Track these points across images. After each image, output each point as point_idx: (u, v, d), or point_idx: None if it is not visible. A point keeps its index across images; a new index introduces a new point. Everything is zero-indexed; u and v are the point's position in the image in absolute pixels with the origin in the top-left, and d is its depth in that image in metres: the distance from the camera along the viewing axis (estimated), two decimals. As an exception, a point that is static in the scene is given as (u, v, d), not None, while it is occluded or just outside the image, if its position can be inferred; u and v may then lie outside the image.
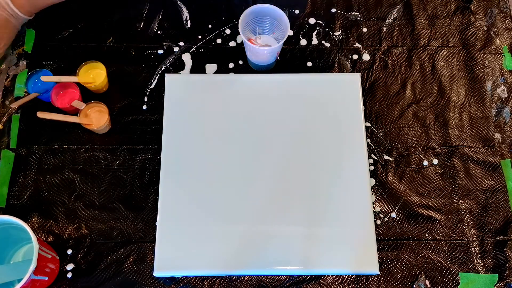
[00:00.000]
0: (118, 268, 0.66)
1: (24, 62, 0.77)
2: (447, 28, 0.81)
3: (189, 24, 0.80)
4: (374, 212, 0.70)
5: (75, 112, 0.71)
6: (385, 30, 0.80)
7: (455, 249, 0.69)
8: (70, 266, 0.66)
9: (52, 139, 0.72)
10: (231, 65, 0.77)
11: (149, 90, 0.76)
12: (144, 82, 0.76)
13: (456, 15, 0.82)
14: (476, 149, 0.74)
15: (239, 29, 0.67)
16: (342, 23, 0.80)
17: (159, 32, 0.79)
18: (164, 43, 0.78)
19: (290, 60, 0.78)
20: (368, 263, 0.65)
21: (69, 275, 0.66)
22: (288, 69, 0.77)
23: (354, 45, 0.79)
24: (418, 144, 0.74)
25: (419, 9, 0.82)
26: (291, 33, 0.80)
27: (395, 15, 0.81)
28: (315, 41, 0.79)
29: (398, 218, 0.70)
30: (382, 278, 0.67)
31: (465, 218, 0.70)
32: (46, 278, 0.62)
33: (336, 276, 0.67)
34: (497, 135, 0.75)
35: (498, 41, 0.80)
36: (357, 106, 0.72)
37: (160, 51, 0.78)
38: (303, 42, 0.79)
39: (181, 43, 0.79)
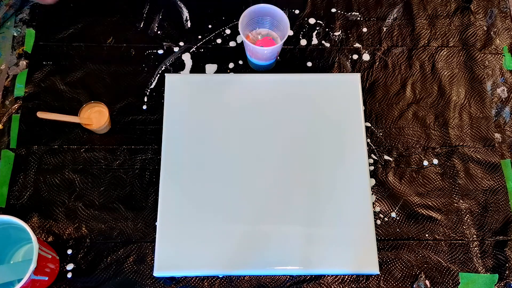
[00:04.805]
0: (118, 268, 0.66)
1: (24, 62, 0.77)
2: (447, 28, 0.81)
3: (189, 24, 0.80)
4: (374, 212, 0.70)
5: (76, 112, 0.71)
6: (385, 30, 0.80)
7: (455, 249, 0.69)
8: (70, 266, 0.66)
9: (52, 139, 0.72)
10: (231, 65, 0.77)
11: (149, 90, 0.76)
12: (144, 82, 0.76)
13: (456, 15, 0.82)
14: (476, 149, 0.74)
15: (239, 29, 0.67)
16: (342, 23, 0.80)
17: (159, 32, 0.79)
18: (164, 43, 0.78)
19: (290, 60, 0.78)
20: (368, 263, 0.65)
21: (69, 275, 0.66)
22: (288, 69, 0.77)
23: (354, 45, 0.79)
24: (418, 144, 0.74)
25: (419, 9, 0.82)
26: (291, 33, 0.80)
27: (395, 15, 0.81)
28: (315, 41, 0.79)
29: (398, 218, 0.70)
30: (382, 278, 0.67)
31: (465, 218, 0.70)
32: (46, 278, 0.62)
33: (336, 276, 0.67)
34: (497, 135, 0.75)
35: (498, 41, 0.80)
36: (357, 106, 0.72)
37: (160, 51, 0.78)
38: (303, 42, 0.79)
39: (181, 43, 0.79)
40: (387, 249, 0.68)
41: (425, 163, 0.73)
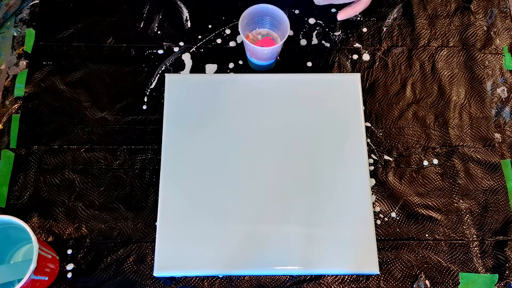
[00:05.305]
0: (118, 268, 0.66)
1: (24, 62, 0.77)
2: (447, 28, 0.81)
3: (189, 24, 0.80)
4: (374, 212, 0.70)
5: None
6: (385, 30, 0.80)
7: (455, 249, 0.69)
8: (70, 266, 0.66)
9: (52, 139, 0.72)
10: (231, 65, 0.77)
11: (149, 90, 0.76)
12: (144, 82, 0.76)
13: (456, 15, 0.82)
14: (476, 149, 0.74)
15: (239, 29, 0.67)
16: (342, 23, 0.80)
17: (159, 32, 0.79)
18: (164, 43, 0.78)
19: (290, 60, 0.78)
20: (368, 263, 0.65)
21: (69, 275, 0.66)
22: (288, 69, 0.77)
23: (354, 45, 0.79)
24: (418, 144, 0.74)
25: (419, 9, 0.82)
26: (291, 33, 0.80)
27: (395, 15, 0.81)
28: (315, 41, 0.79)
29: (398, 218, 0.70)
30: (382, 278, 0.67)
31: (465, 218, 0.70)
32: (46, 278, 0.62)
33: (336, 276, 0.67)
34: (497, 135, 0.75)
35: (498, 41, 0.80)
36: (357, 106, 0.72)
37: (160, 51, 0.78)
38: (303, 42, 0.79)
39: (181, 43, 0.79)
40: (387, 249, 0.68)
41: (425, 163, 0.73)
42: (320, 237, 0.66)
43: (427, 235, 0.69)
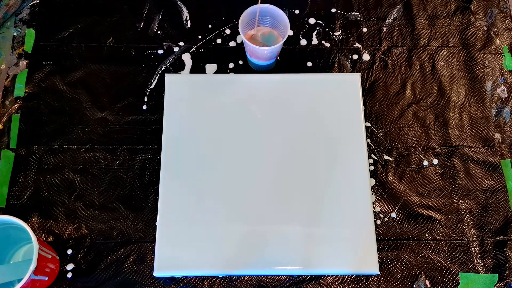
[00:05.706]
0: (118, 268, 0.67)
1: (24, 62, 0.77)
2: (447, 28, 0.81)
3: (189, 24, 0.80)
4: (374, 212, 0.70)
5: None
6: (385, 30, 0.80)
7: (455, 249, 0.69)
8: (70, 266, 0.66)
9: (52, 139, 0.72)
10: (231, 65, 0.78)
11: (149, 90, 0.76)
12: (144, 82, 0.76)
13: (456, 15, 0.82)
14: (476, 149, 0.74)
15: (239, 29, 0.67)
16: (342, 23, 0.81)
17: (159, 32, 0.79)
18: (164, 43, 0.78)
19: (290, 60, 0.78)
20: (368, 263, 0.65)
21: (69, 275, 0.66)
22: (288, 69, 0.77)
23: (354, 45, 0.79)
24: (418, 144, 0.74)
25: (419, 9, 0.82)
26: (291, 33, 0.80)
27: (395, 15, 0.81)
28: (315, 41, 0.79)
29: (398, 218, 0.70)
30: (382, 278, 0.67)
31: (465, 218, 0.70)
32: (46, 278, 0.62)
33: (336, 276, 0.67)
34: (497, 135, 0.75)
35: (498, 41, 0.80)
36: (357, 106, 0.72)
37: (160, 51, 0.78)
38: (303, 42, 0.79)
39: (181, 43, 0.79)
40: (387, 249, 0.68)
41: (425, 163, 0.73)
42: (320, 237, 0.66)
43: (427, 235, 0.69)
